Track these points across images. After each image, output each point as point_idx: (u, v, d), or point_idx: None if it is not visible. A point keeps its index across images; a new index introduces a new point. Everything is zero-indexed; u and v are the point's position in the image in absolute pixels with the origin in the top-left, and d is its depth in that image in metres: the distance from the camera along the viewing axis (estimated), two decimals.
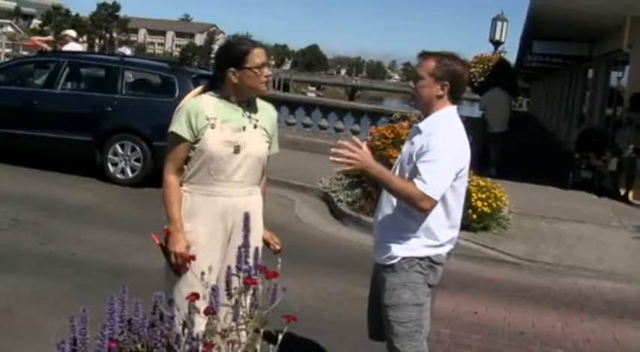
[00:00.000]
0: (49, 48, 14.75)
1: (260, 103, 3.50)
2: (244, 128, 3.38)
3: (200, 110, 3.34)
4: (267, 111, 3.53)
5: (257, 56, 3.33)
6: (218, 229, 3.38)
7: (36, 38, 18.75)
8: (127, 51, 18.53)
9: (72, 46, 13.84)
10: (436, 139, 3.26)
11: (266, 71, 3.38)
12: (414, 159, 3.28)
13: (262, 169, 3.52)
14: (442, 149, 3.24)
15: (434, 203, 3.22)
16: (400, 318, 3.37)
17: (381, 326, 3.49)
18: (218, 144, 3.32)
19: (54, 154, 10.20)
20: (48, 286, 5.40)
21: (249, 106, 3.44)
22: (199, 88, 3.51)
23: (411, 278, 3.35)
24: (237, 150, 3.34)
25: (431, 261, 3.37)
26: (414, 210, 3.24)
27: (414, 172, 3.24)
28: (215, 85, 3.44)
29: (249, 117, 3.42)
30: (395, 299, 3.37)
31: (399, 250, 3.36)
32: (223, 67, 3.36)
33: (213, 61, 3.59)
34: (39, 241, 6.68)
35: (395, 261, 3.36)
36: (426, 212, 3.25)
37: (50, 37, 18.88)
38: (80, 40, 21.38)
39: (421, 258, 3.35)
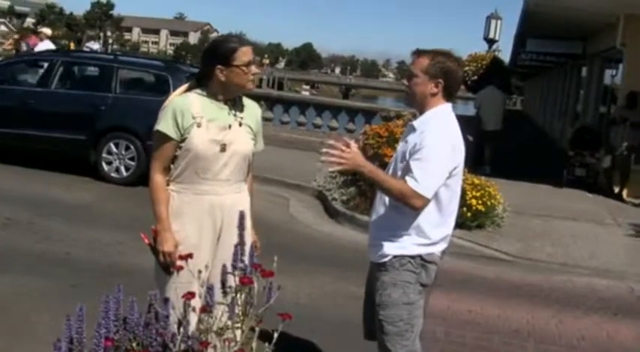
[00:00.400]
0: (11, 46, 14.91)
1: (245, 101, 3.51)
2: (230, 126, 3.38)
3: (186, 108, 3.32)
4: (251, 109, 3.53)
5: (244, 54, 3.33)
6: (206, 228, 3.37)
7: (6, 44, 19.01)
8: (94, 46, 18.57)
9: (47, 45, 13.94)
10: (429, 137, 3.25)
11: (253, 69, 3.38)
12: (407, 157, 3.28)
13: (248, 166, 3.53)
14: (435, 147, 3.23)
15: (426, 201, 3.21)
16: (390, 317, 3.36)
17: (375, 326, 3.48)
18: (204, 143, 3.31)
19: (48, 153, 10.18)
20: (43, 285, 5.40)
21: (235, 104, 3.44)
22: (185, 86, 3.50)
23: (402, 276, 3.35)
24: (223, 148, 3.34)
25: (422, 260, 3.36)
26: (407, 207, 3.24)
27: (407, 170, 3.24)
28: (201, 82, 3.43)
29: (235, 115, 3.42)
30: (385, 298, 3.37)
31: (391, 248, 3.35)
32: (211, 64, 3.35)
33: (200, 59, 3.58)
34: (34, 240, 6.67)
35: (386, 259, 3.36)
36: (418, 209, 3.25)
37: (16, 36, 18.95)
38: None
39: (412, 257, 3.34)
